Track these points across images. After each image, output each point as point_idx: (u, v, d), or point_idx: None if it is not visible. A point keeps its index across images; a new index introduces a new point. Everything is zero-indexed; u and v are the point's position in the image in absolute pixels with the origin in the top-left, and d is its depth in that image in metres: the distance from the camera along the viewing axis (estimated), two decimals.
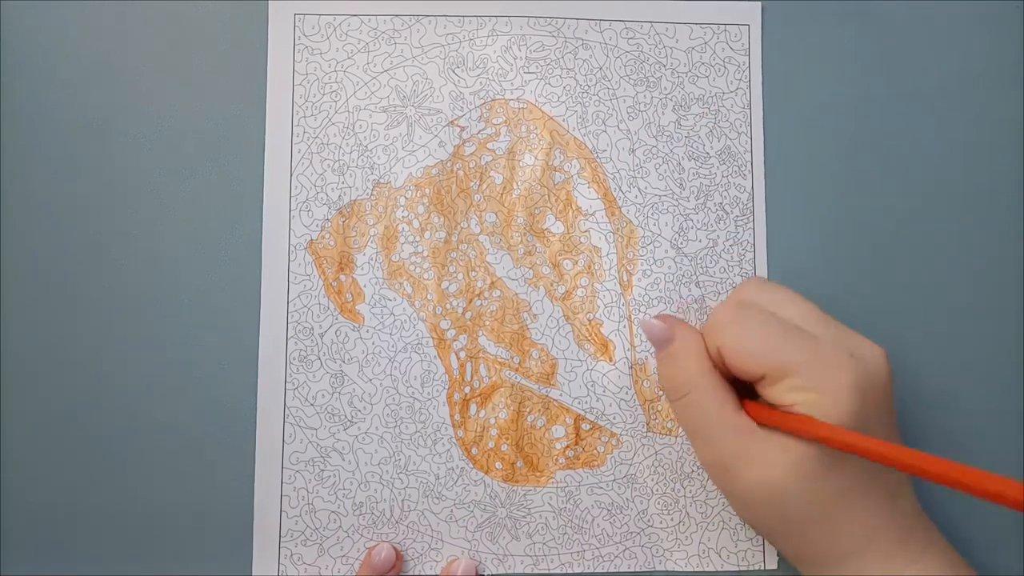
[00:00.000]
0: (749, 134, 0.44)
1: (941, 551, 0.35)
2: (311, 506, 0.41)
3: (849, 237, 0.44)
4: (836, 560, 0.34)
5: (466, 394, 0.42)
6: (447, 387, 0.42)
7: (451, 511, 0.41)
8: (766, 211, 0.44)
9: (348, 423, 0.41)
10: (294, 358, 0.41)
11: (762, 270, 0.43)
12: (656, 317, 0.38)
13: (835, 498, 0.33)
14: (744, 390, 0.37)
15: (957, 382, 0.44)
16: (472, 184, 0.43)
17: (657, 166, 0.44)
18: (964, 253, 0.45)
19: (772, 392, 0.34)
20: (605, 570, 0.42)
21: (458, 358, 0.42)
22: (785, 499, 0.34)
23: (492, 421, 0.42)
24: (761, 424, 0.35)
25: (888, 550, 0.34)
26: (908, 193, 0.45)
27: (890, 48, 0.46)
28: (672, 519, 0.42)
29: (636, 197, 0.43)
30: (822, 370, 0.33)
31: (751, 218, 0.44)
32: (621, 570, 0.41)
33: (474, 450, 0.42)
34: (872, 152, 0.45)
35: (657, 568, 0.42)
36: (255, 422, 0.41)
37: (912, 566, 0.34)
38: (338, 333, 0.42)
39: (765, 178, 0.44)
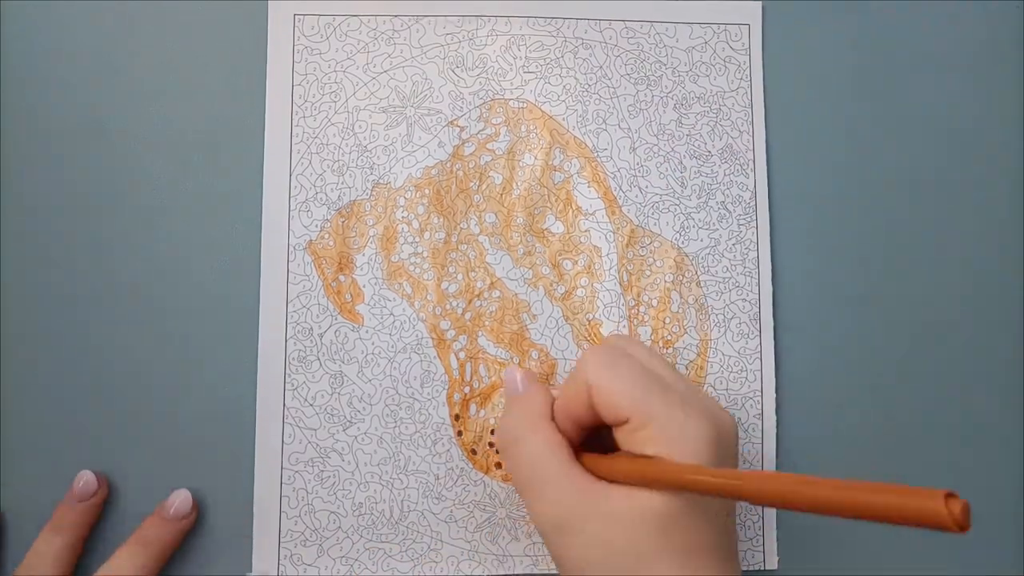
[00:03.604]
0: (751, 132, 0.44)
1: None
2: (311, 506, 0.41)
3: (851, 234, 0.44)
4: None
5: (466, 394, 0.42)
6: (447, 387, 0.42)
7: (451, 511, 0.41)
8: (769, 209, 0.44)
9: (348, 423, 0.41)
10: (293, 358, 0.41)
11: (765, 268, 0.43)
12: (523, 371, 0.37)
13: (681, 560, 0.31)
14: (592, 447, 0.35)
15: (958, 380, 0.44)
16: (472, 184, 0.43)
17: (658, 165, 0.44)
18: (966, 250, 0.45)
19: (633, 439, 0.32)
20: None
21: (458, 358, 0.42)
22: (623, 559, 0.31)
23: (492, 421, 0.42)
24: (602, 479, 0.32)
25: None
26: (910, 190, 0.45)
27: (890, 47, 0.45)
28: None
29: (637, 196, 0.43)
30: (684, 423, 0.31)
31: (753, 216, 0.44)
32: None
33: (474, 450, 0.42)
34: (873, 149, 0.45)
35: None
36: (254, 422, 0.41)
37: None
38: (337, 333, 0.42)
39: (768, 176, 0.44)
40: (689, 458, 0.31)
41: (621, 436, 0.33)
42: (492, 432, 0.41)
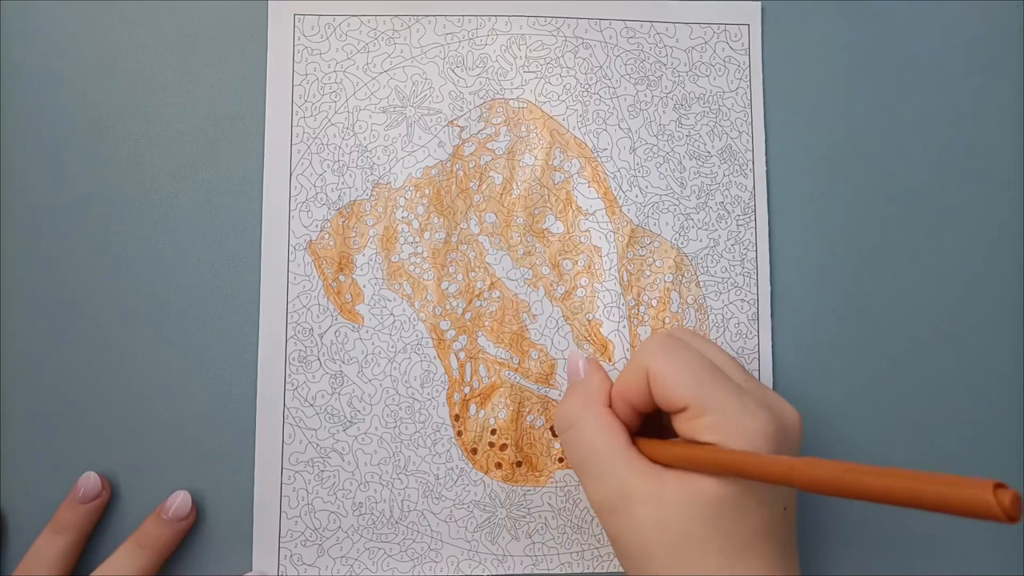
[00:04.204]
0: (750, 133, 0.44)
1: None
2: (311, 506, 0.41)
3: (851, 234, 0.44)
4: None
5: (466, 394, 0.42)
6: (447, 387, 0.42)
7: (451, 511, 0.41)
8: (768, 210, 0.44)
9: (348, 423, 0.41)
10: (294, 359, 0.41)
11: (764, 268, 0.43)
12: (585, 358, 0.38)
13: (734, 547, 0.31)
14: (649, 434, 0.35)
15: (957, 380, 0.44)
16: (472, 184, 0.43)
17: (658, 165, 0.44)
18: (965, 250, 0.45)
19: (688, 427, 0.32)
20: (605, 570, 0.42)
21: (458, 358, 0.42)
22: (681, 543, 0.31)
23: (492, 421, 0.42)
24: (657, 463, 0.33)
25: None
26: (909, 190, 0.45)
27: (889, 47, 0.45)
28: None
29: (637, 196, 0.43)
30: (742, 413, 0.32)
31: (753, 217, 0.44)
32: (621, 570, 0.41)
33: (474, 450, 0.42)
34: (873, 149, 0.45)
35: None
36: (255, 422, 0.41)
37: None
38: (338, 334, 0.42)
39: (767, 177, 0.44)
40: (745, 447, 0.31)
41: (678, 423, 0.33)
42: (551, 431, 0.41)
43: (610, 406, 0.35)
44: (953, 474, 0.23)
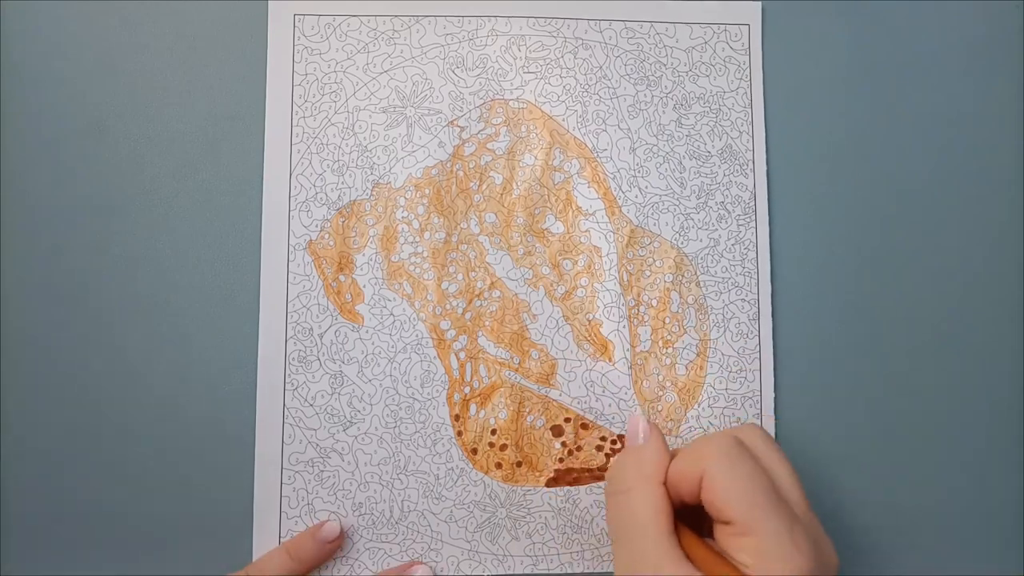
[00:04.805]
0: (750, 133, 0.44)
1: None
2: (311, 507, 0.41)
3: (851, 234, 0.44)
4: None
5: (466, 394, 0.42)
6: (447, 387, 0.42)
7: (451, 511, 0.41)
8: (768, 209, 0.44)
9: (348, 424, 0.41)
10: (293, 359, 0.41)
11: (764, 268, 0.43)
12: (647, 422, 0.37)
13: None
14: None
15: (957, 380, 0.44)
16: (472, 184, 0.43)
17: (658, 165, 0.44)
18: (965, 250, 0.45)
19: (729, 541, 0.32)
20: (605, 570, 0.42)
21: (458, 358, 0.42)
22: None
23: (492, 421, 0.42)
24: (690, 559, 0.32)
25: None
26: (909, 190, 0.45)
27: (890, 47, 0.45)
28: None
29: (636, 196, 0.43)
30: (788, 545, 0.31)
31: (753, 217, 0.44)
32: None
33: (474, 450, 0.42)
34: (873, 149, 0.45)
35: None
36: (255, 422, 0.41)
37: None
38: (337, 334, 0.42)
39: (767, 176, 0.44)
40: None
41: (719, 533, 0.32)
42: (606, 474, 0.40)
43: (664, 483, 0.34)
44: None
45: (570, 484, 0.42)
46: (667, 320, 0.43)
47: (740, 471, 0.32)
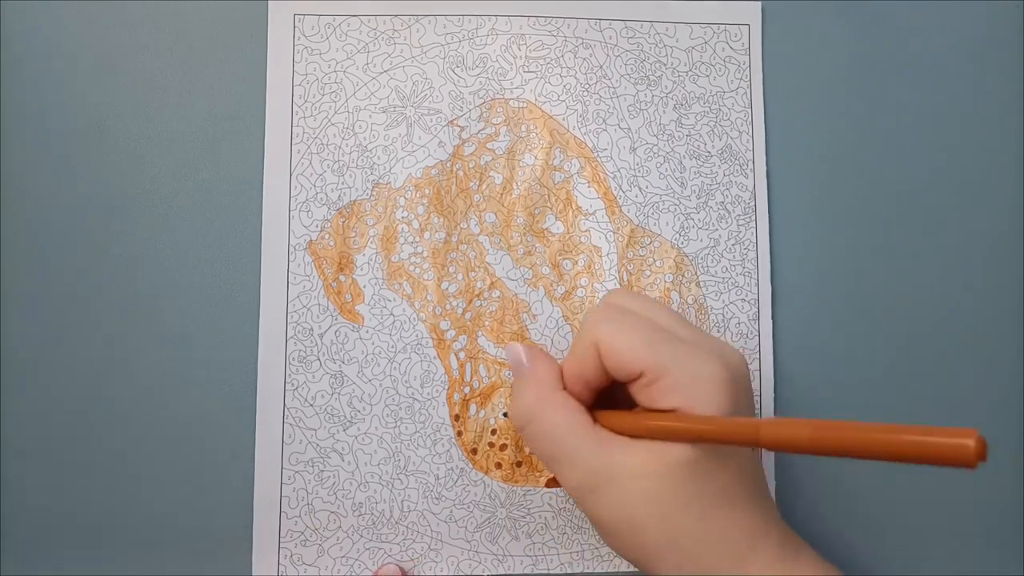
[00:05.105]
0: (750, 133, 0.44)
1: (811, 553, 0.34)
2: (311, 507, 0.41)
3: (851, 234, 0.44)
4: (722, 570, 0.32)
5: (466, 394, 0.42)
6: (447, 387, 0.42)
7: (451, 511, 0.41)
8: (768, 210, 0.44)
9: (348, 423, 0.41)
10: (294, 359, 0.41)
11: (765, 268, 0.43)
12: (524, 346, 0.38)
13: (715, 503, 0.32)
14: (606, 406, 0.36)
15: (958, 379, 0.44)
16: (472, 184, 0.43)
17: (658, 165, 0.44)
18: (965, 250, 0.45)
19: (647, 394, 0.33)
20: (605, 570, 0.42)
21: (458, 358, 0.42)
22: (664, 508, 0.32)
23: (492, 421, 0.42)
24: (623, 434, 0.33)
25: (771, 554, 0.33)
26: (909, 190, 0.45)
27: (890, 47, 0.45)
28: None
29: (637, 196, 0.43)
30: (697, 367, 0.32)
31: (753, 217, 0.44)
32: (620, 570, 0.41)
33: (474, 450, 0.42)
34: (873, 149, 0.45)
35: None
36: (255, 423, 0.41)
37: (793, 569, 0.33)
38: (338, 334, 0.42)
39: (767, 176, 0.44)
40: (706, 404, 0.31)
41: (637, 392, 0.33)
42: (505, 414, 0.41)
43: (564, 389, 0.35)
44: (918, 425, 0.24)
45: None
46: None
47: (625, 324, 0.33)
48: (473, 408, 0.42)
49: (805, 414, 0.43)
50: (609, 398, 0.36)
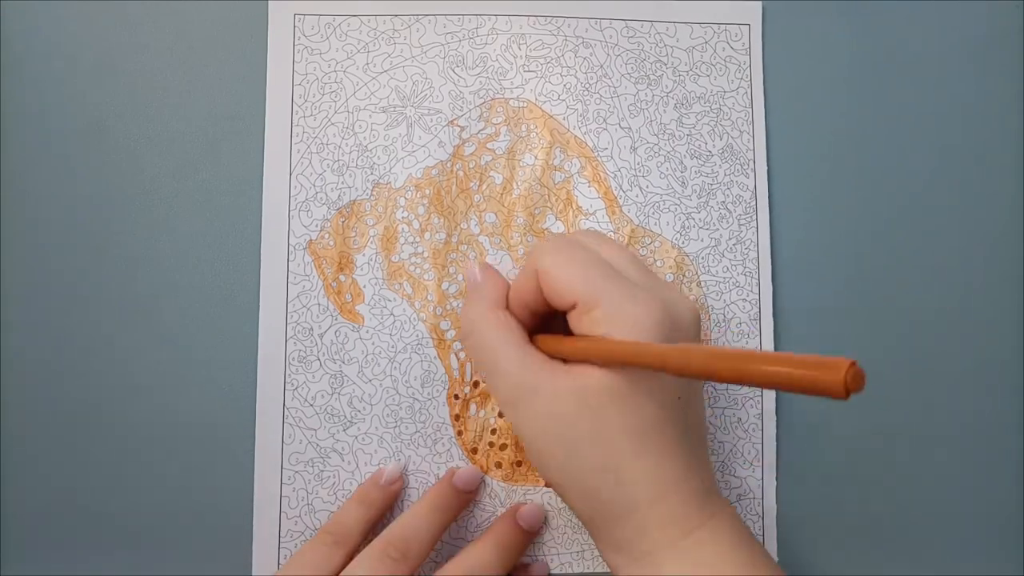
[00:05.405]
0: (751, 132, 0.44)
1: (729, 518, 0.33)
2: (311, 507, 0.41)
3: (852, 234, 0.44)
4: (617, 516, 0.32)
5: (466, 394, 0.42)
6: (447, 387, 0.42)
7: None
8: (769, 209, 0.44)
9: (348, 423, 0.41)
10: (293, 359, 0.41)
11: (765, 268, 0.43)
12: (481, 264, 0.39)
13: (626, 439, 0.32)
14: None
15: (958, 380, 0.44)
16: (472, 184, 0.43)
17: (659, 164, 0.44)
18: (966, 250, 0.45)
19: (580, 323, 0.33)
20: (605, 570, 0.41)
21: (458, 358, 0.42)
22: (571, 434, 0.32)
23: (492, 421, 0.42)
24: (554, 357, 0.34)
25: (675, 510, 0.32)
26: (910, 190, 0.45)
27: (890, 47, 0.45)
28: None
29: (637, 196, 0.43)
30: (629, 303, 0.32)
31: (754, 216, 0.44)
32: None
33: (474, 450, 0.41)
34: (873, 149, 0.45)
35: None
36: (254, 423, 0.41)
37: (696, 532, 0.32)
38: (338, 334, 0.41)
39: (768, 176, 0.44)
40: (633, 337, 0.32)
41: (572, 321, 0.34)
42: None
43: (508, 308, 0.37)
44: (807, 355, 0.23)
45: None
46: None
47: (569, 257, 0.34)
48: (473, 408, 0.42)
49: (805, 413, 0.43)
50: (556, 331, 0.36)
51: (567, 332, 0.35)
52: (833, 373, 0.22)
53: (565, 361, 0.34)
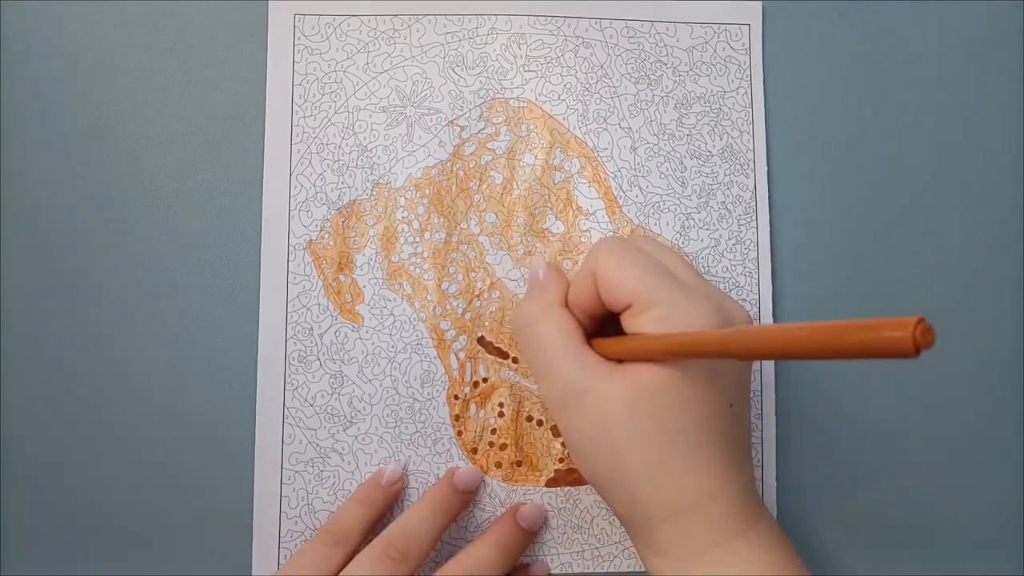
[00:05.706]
0: (751, 132, 0.44)
1: (768, 524, 0.34)
2: (311, 507, 0.41)
3: (852, 235, 0.44)
4: (658, 519, 0.32)
5: (466, 394, 0.42)
6: (447, 387, 0.42)
7: None
8: (769, 209, 0.44)
9: (348, 423, 0.41)
10: (293, 359, 0.41)
11: (765, 269, 0.43)
12: (547, 262, 0.39)
13: (672, 442, 0.32)
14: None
15: (958, 381, 0.44)
16: (472, 184, 0.43)
17: (659, 164, 0.44)
18: (965, 249, 0.45)
19: (634, 323, 0.33)
20: (605, 570, 0.42)
21: (458, 358, 0.42)
22: (618, 434, 0.32)
23: (492, 421, 0.42)
24: (609, 359, 0.34)
25: (716, 517, 0.32)
26: (910, 190, 0.45)
27: (890, 47, 0.45)
28: None
29: (637, 196, 0.43)
30: (685, 305, 0.32)
31: (754, 217, 0.44)
32: (621, 570, 0.41)
33: (474, 450, 0.41)
34: (873, 149, 0.45)
35: None
36: (254, 423, 0.41)
37: (734, 540, 0.32)
38: (337, 334, 0.41)
39: (768, 176, 0.44)
40: None
41: (626, 322, 0.34)
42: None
43: (566, 307, 0.37)
44: (869, 319, 0.23)
45: (570, 484, 0.42)
46: None
47: (625, 258, 0.34)
48: (473, 408, 0.42)
49: (805, 413, 0.43)
50: (613, 334, 0.36)
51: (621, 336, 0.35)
52: (902, 330, 0.21)
53: (620, 362, 0.34)
